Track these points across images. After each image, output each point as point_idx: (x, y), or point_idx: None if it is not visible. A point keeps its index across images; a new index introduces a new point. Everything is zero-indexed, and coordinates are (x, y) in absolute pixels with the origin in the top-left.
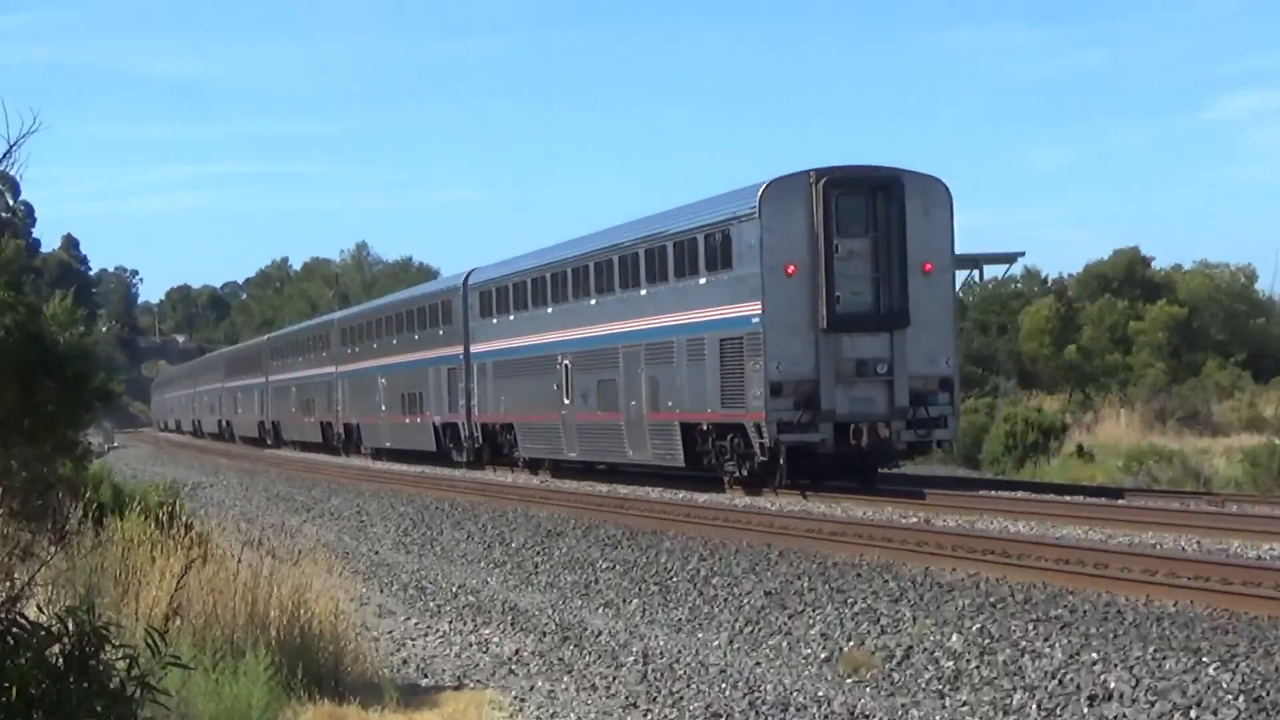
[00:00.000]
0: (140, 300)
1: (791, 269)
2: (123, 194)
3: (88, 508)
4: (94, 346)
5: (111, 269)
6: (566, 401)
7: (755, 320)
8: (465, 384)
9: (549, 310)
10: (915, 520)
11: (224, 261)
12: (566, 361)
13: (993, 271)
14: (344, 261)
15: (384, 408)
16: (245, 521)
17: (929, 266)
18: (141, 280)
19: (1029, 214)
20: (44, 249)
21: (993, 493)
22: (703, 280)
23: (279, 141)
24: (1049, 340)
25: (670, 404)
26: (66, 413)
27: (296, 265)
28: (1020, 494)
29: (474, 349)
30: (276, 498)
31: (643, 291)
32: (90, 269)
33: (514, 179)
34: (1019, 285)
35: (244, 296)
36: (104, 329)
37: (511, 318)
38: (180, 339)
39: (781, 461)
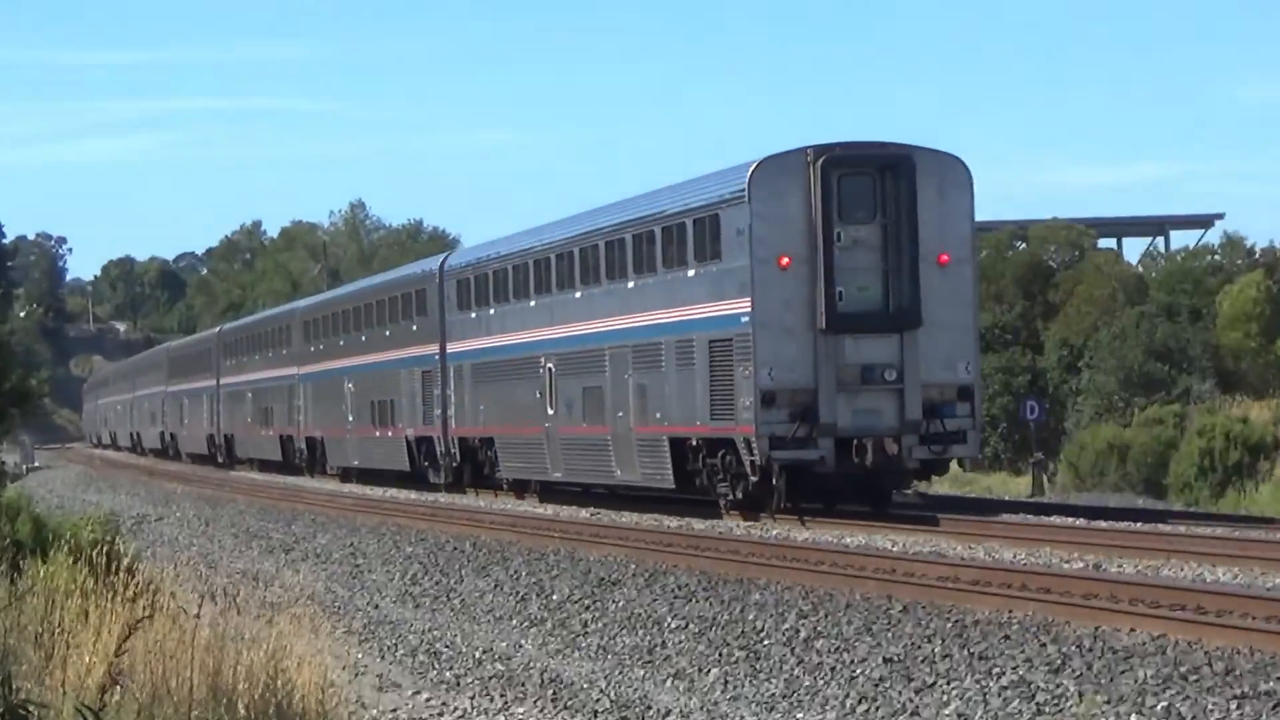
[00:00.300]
0: (69, 277)
1: (785, 261)
2: (47, 138)
3: None
4: (6, 336)
5: (32, 236)
6: (550, 412)
7: (744, 320)
8: (441, 390)
9: (531, 304)
10: (1081, 566)
11: (179, 227)
12: (550, 365)
13: (1182, 239)
14: (334, 227)
15: (351, 418)
16: (206, 566)
17: (945, 258)
18: (71, 251)
19: (1231, 164)
20: None
21: (1183, 529)
22: (691, 272)
23: (249, 69)
24: (1256, 329)
25: (659, 415)
26: None
27: (273, 232)
28: (1219, 531)
29: (451, 348)
30: (246, 534)
31: (629, 284)
32: (3, 235)
33: (564, 117)
34: (1217, 257)
35: (204, 272)
36: (20, 313)
37: (492, 311)
38: (121, 327)
39: (775, 482)
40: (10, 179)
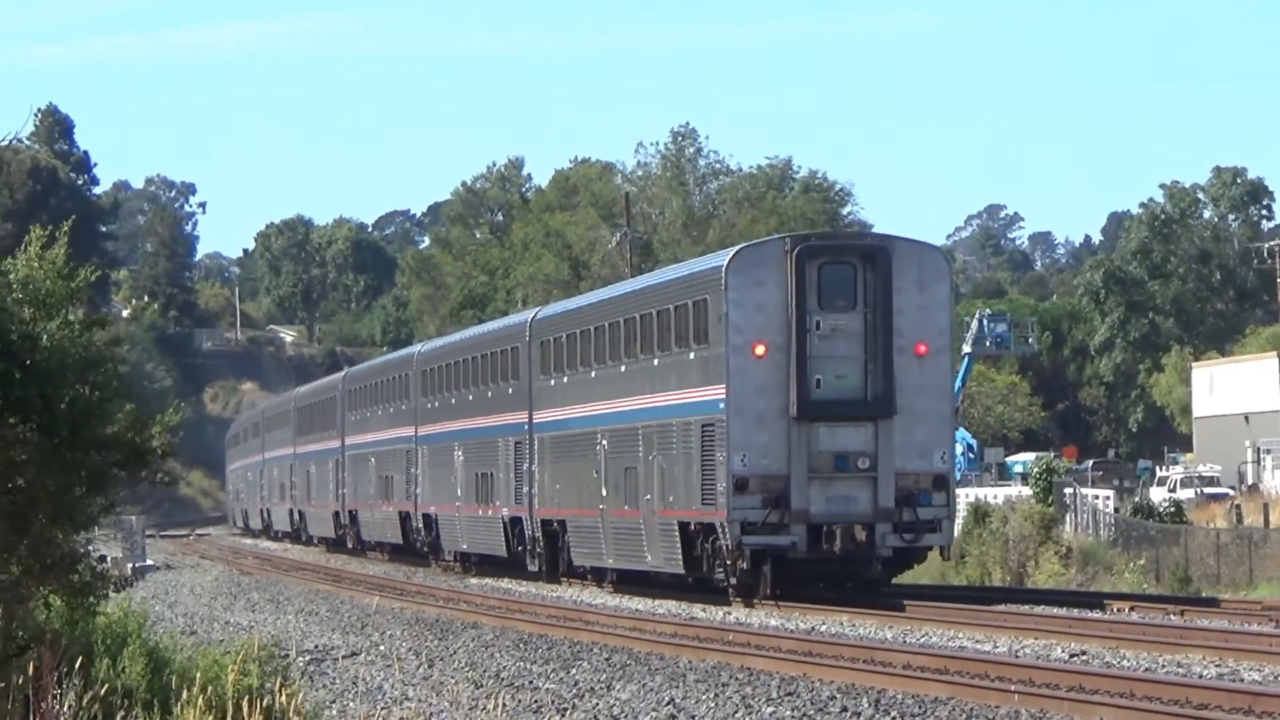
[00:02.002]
0: (202, 251)
1: (761, 349)
2: (157, 21)
3: (93, 697)
4: (106, 353)
5: (139, 183)
6: (604, 493)
7: (721, 406)
8: (529, 464)
9: (592, 374)
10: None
11: (381, 173)
12: (604, 441)
13: None
14: (643, 169)
15: (460, 493)
16: None
17: (923, 348)
18: (204, 209)
19: None
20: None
21: None
22: (691, 355)
23: None
24: None
25: (671, 499)
26: (56, 494)
27: (541, 178)
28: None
29: (537, 417)
30: (496, 682)
31: (655, 361)
32: (98, 182)
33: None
34: None
35: (424, 244)
36: (124, 311)
37: (565, 379)
38: (288, 336)
39: (744, 565)
40: (106, 90)
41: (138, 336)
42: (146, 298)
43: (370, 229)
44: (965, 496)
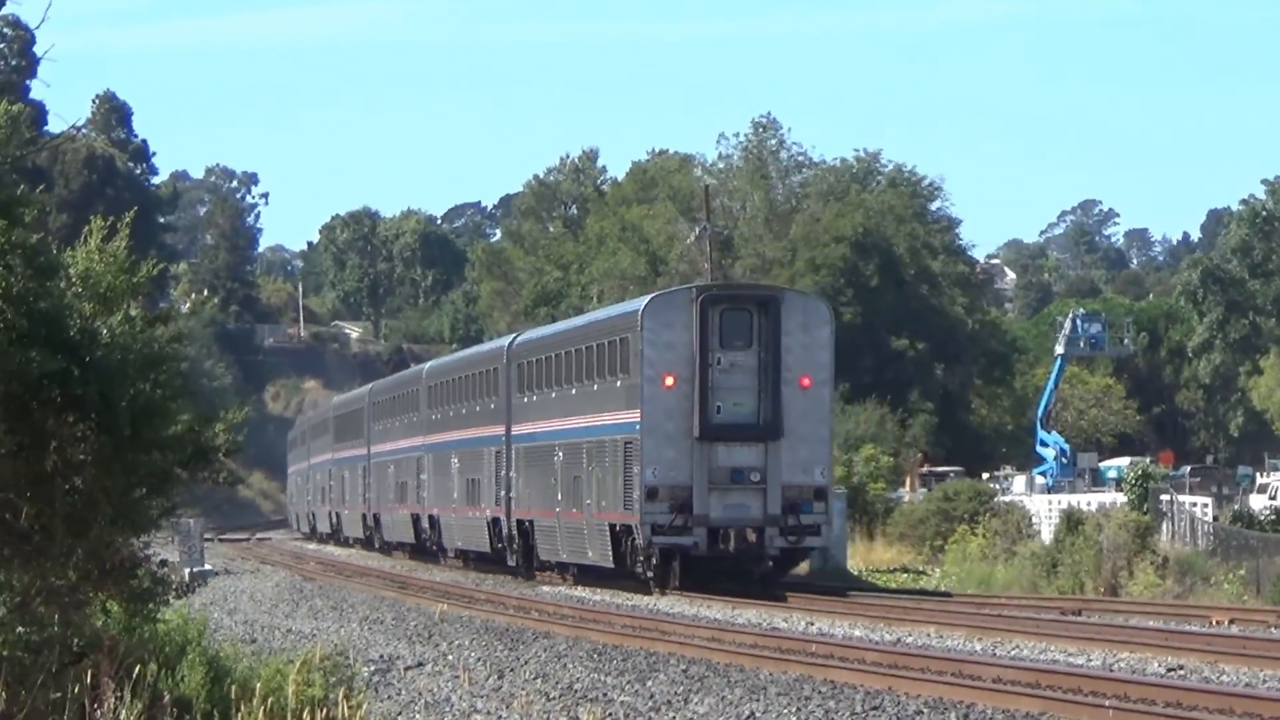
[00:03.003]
0: (264, 244)
1: (670, 380)
2: (220, 6)
3: (150, 706)
4: (178, 349)
5: (200, 172)
6: (559, 497)
7: (637, 427)
8: (506, 471)
9: (553, 394)
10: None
11: (450, 166)
12: (560, 453)
13: None
14: (725, 162)
15: (456, 496)
16: None
17: (807, 381)
18: (267, 200)
19: None
20: (57, 126)
21: None
22: (618, 383)
23: None
24: None
25: (604, 504)
26: (116, 496)
27: (617, 169)
28: None
29: (514, 430)
30: (569, 694)
31: (595, 387)
32: (157, 171)
33: None
34: None
35: (495, 236)
36: (184, 305)
37: (535, 398)
38: (353, 332)
39: (656, 561)
40: (169, 78)
41: (197, 332)
42: (206, 292)
43: (439, 221)
44: (1057, 503)
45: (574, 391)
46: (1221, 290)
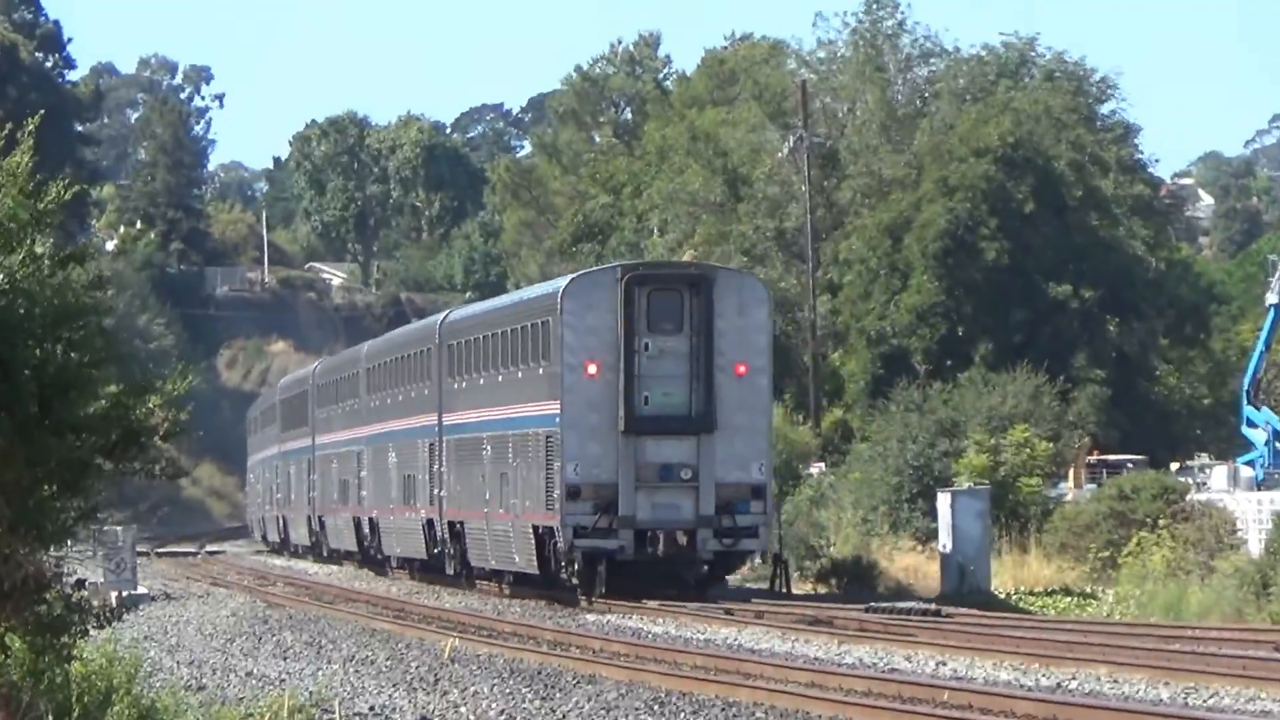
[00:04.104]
0: (217, 160)
1: (593, 368)
2: None
3: None
4: (100, 298)
5: (132, 65)
6: (487, 496)
7: (557, 419)
8: (439, 466)
9: (481, 381)
10: None
11: (479, 55)
12: (488, 447)
13: None
14: (847, 28)
15: (393, 495)
16: None
17: (743, 368)
18: (221, 102)
19: None
20: None
21: None
22: (541, 371)
23: None
24: None
25: (528, 504)
26: (17, 493)
27: (687, 53)
28: None
29: (446, 419)
30: None
31: (519, 374)
32: (74, 65)
33: None
34: None
35: (523, 149)
36: (109, 242)
37: (464, 384)
38: (334, 278)
39: (579, 566)
40: None
41: (127, 277)
42: (140, 224)
43: (449, 130)
44: (1269, 503)
45: (500, 378)
46: None
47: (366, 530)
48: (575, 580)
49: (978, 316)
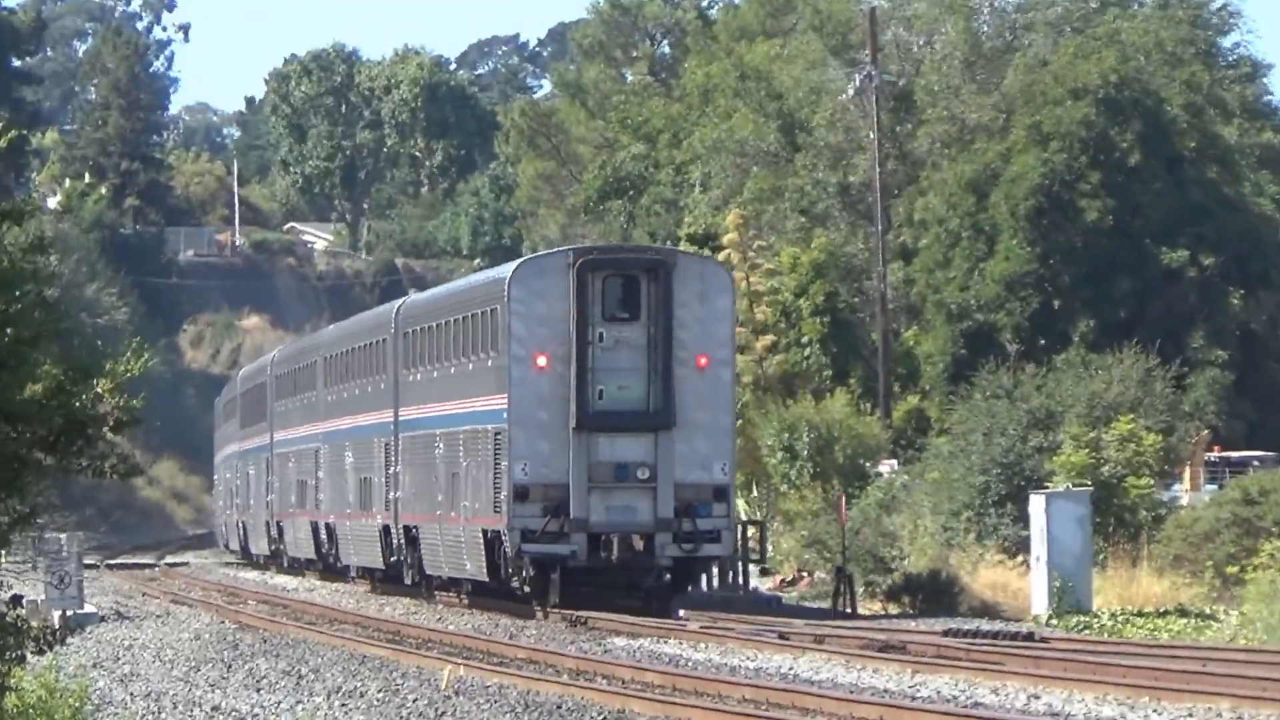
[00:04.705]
0: (181, 101)
1: (543, 360)
2: None
3: None
4: (39, 265)
5: None
6: (439, 499)
7: (504, 415)
8: (395, 467)
9: (435, 373)
10: None
11: None
12: (441, 445)
13: None
14: None
15: (350, 498)
16: None
17: (704, 360)
18: (185, 34)
19: None
20: None
21: None
22: (489, 362)
23: None
24: None
25: (477, 506)
26: None
27: None
28: None
29: (401, 414)
30: None
31: (470, 365)
32: None
33: None
34: None
35: (540, 89)
36: (52, 197)
37: (419, 376)
38: (320, 240)
39: (529, 573)
40: None
41: (74, 239)
42: (89, 177)
43: (453, 67)
44: None
45: (452, 370)
46: None
47: (324, 537)
48: (527, 588)
49: (1077, 288)
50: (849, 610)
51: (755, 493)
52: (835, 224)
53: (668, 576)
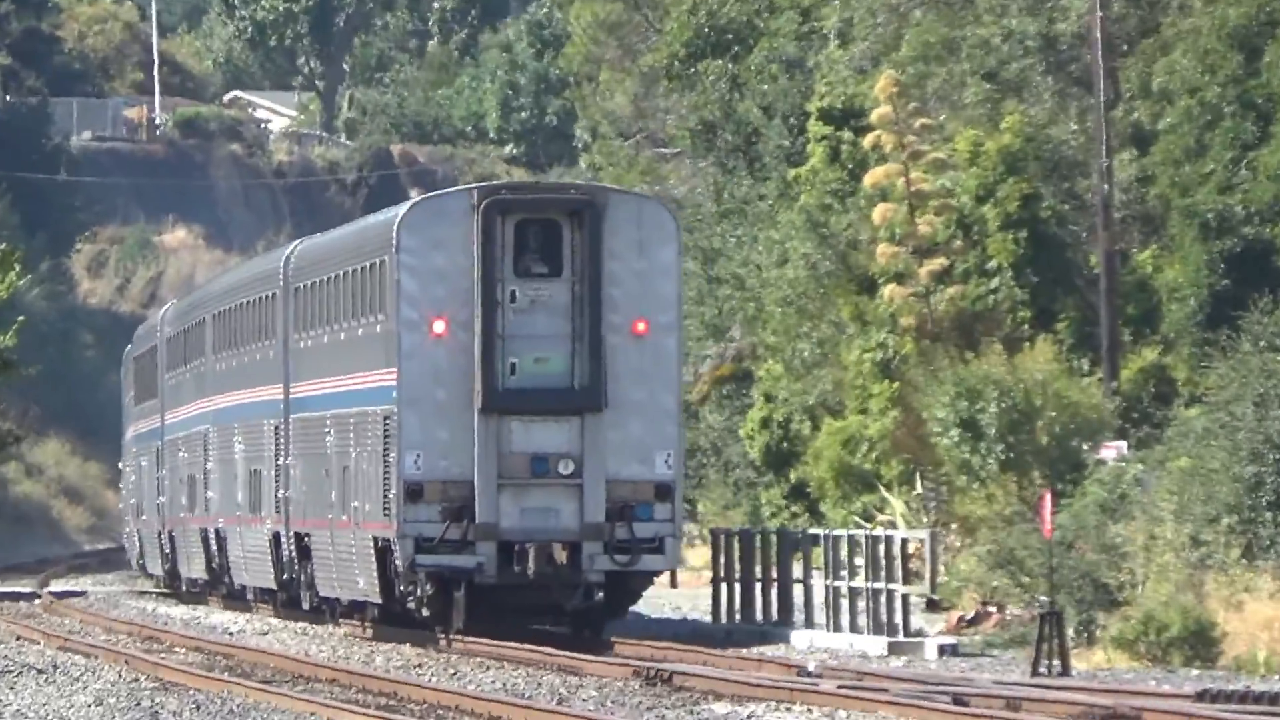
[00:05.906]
0: None
1: (440, 326)
2: None
3: None
4: None
5: None
6: (332, 499)
7: (393, 394)
8: (285, 458)
9: (325, 338)
10: None
11: None
12: (331, 431)
13: None
14: None
15: (240, 498)
16: None
17: (643, 326)
18: None
19: None
20: None
21: None
22: (378, 328)
23: None
24: None
25: (367, 508)
26: None
27: None
28: None
29: (293, 391)
30: None
31: (360, 331)
32: None
33: None
34: None
35: None
36: None
37: (310, 342)
38: (276, 117)
39: (428, 591)
40: None
41: None
42: None
43: None
44: None
45: (342, 336)
46: None
47: (214, 549)
48: (425, 611)
49: None
50: (1061, 666)
51: (919, 489)
52: (1036, 95)
53: (599, 595)
